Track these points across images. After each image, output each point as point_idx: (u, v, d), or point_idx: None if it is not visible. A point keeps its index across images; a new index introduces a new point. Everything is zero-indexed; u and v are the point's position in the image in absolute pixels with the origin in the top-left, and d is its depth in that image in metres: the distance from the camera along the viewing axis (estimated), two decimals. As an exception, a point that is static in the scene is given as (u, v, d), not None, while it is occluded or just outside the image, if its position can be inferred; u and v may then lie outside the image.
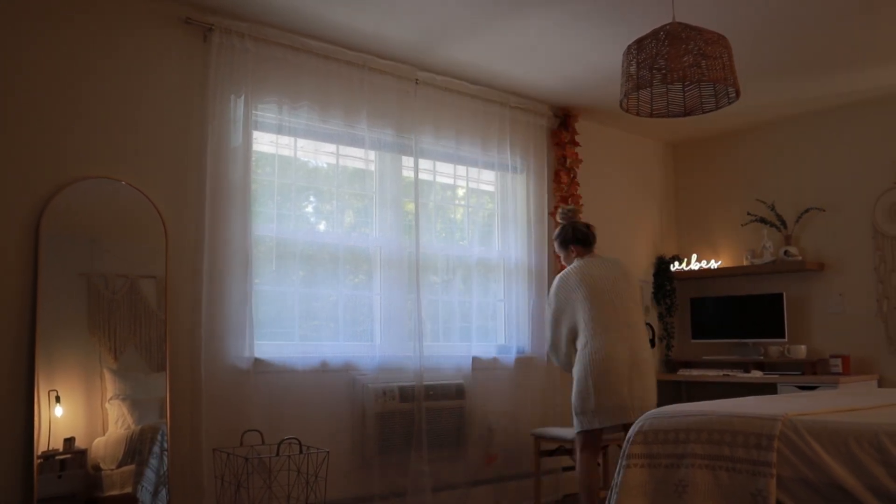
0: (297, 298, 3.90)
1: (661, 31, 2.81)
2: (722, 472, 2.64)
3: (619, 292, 3.70)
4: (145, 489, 3.28)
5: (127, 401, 3.32)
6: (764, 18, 3.84)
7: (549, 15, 3.77)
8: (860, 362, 5.01)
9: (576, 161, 5.17)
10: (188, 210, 3.60)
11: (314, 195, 4.13)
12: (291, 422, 3.71)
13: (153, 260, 3.48)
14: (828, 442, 2.44)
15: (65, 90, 3.31)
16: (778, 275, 5.39)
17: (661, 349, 5.83)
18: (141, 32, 3.53)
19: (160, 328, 3.45)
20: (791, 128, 5.49)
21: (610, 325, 3.62)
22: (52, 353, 3.15)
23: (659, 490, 2.79)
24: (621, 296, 3.70)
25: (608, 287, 3.69)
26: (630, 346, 3.63)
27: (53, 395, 3.13)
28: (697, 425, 2.77)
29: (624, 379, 3.57)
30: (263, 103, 3.83)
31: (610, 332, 3.61)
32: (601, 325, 3.61)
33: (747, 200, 5.59)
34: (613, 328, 3.62)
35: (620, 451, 2.97)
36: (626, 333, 3.64)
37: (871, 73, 4.62)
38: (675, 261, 5.85)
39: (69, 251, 3.27)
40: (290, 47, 3.90)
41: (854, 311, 5.09)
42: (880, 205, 5.01)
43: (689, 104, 3.16)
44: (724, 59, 2.78)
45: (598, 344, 3.59)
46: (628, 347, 3.62)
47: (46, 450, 3.08)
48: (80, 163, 3.33)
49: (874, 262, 5.02)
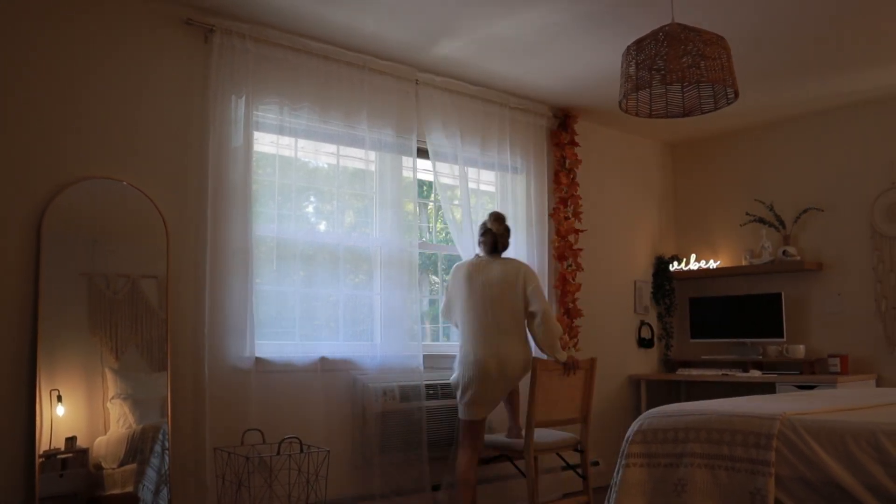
0: (297, 298, 3.90)
1: (661, 33, 2.81)
2: (721, 471, 2.64)
3: (501, 300, 3.86)
4: (147, 488, 3.27)
5: (128, 400, 3.32)
6: (763, 20, 3.84)
7: (549, 16, 3.77)
8: (858, 362, 5.01)
9: (575, 161, 5.17)
10: (189, 210, 3.60)
11: (315, 195, 4.13)
12: (292, 421, 3.71)
13: (154, 260, 3.48)
14: (826, 441, 2.45)
15: (66, 91, 3.31)
16: (776, 275, 5.39)
17: (660, 349, 5.83)
18: (142, 33, 3.53)
19: (161, 328, 3.45)
20: (789, 128, 5.49)
21: (479, 332, 3.84)
22: (54, 352, 3.15)
23: (658, 489, 2.79)
24: (502, 303, 3.85)
25: (489, 294, 3.87)
26: (497, 353, 3.79)
27: (55, 395, 3.13)
28: (696, 424, 2.77)
29: (490, 385, 3.79)
30: (264, 104, 3.83)
31: (478, 340, 3.82)
32: (472, 332, 3.85)
33: (746, 200, 5.59)
34: (482, 336, 3.82)
35: (619, 451, 2.97)
36: (495, 341, 3.81)
37: (870, 74, 4.62)
38: (674, 261, 5.85)
39: (71, 251, 3.27)
40: (290, 48, 3.90)
41: (852, 311, 5.09)
42: (878, 205, 5.01)
43: (687, 105, 3.16)
44: (723, 60, 2.78)
45: (467, 348, 3.84)
46: (495, 355, 3.78)
47: (48, 449, 3.08)
48: (81, 163, 3.33)
49: (872, 262, 5.02)
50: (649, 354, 5.76)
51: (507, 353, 3.81)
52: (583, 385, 4.07)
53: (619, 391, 5.48)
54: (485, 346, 3.80)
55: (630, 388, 5.56)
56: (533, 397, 3.80)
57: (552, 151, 5.15)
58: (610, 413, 5.33)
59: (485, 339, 3.82)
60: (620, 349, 5.55)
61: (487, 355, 3.78)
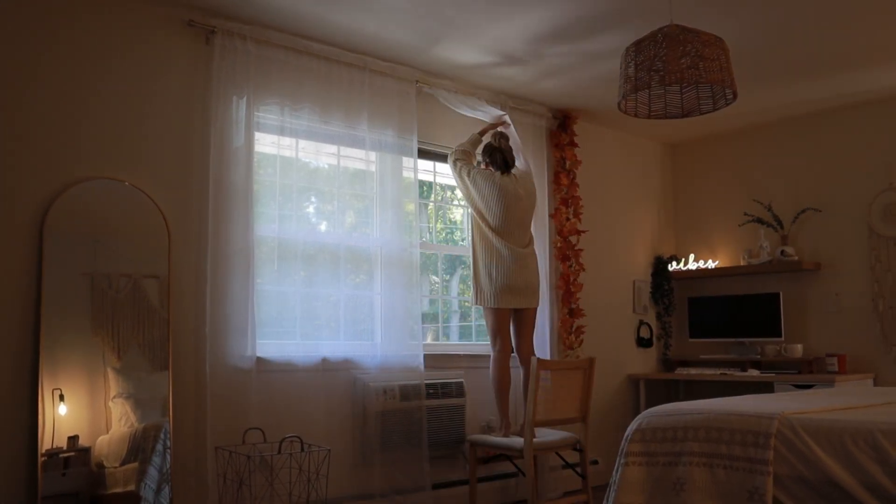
0: (298, 298, 3.90)
1: (659, 34, 2.81)
2: (719, 469, 2.64)
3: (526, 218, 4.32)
4: (148, 487, 3.27)
5: (130, 399, 3.32)
6: (761, 21, 3.84)
7: (549, 18, 3.77)
8: (856, 361, 5.01)
9: (575, 162, 5.17)
10: (191, 210, 3.60)
11: (315, 196, 4.13)
12: (293, 420, 3.71)
13: (156, 260, 3.48)
14: (824, 440, 2.45)
15: (70, 92, 3.31)
16: (775, 274, 5.39)
17: (659, 348, 5.83)
18: (144, 35, 3.53)
19: (163, 327, 3.45)
20: (788, 129, 5.49)
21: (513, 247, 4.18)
22: (56, 352, 3.15)
23: (656, 488, 2.79)
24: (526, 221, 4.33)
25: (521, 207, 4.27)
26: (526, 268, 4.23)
27: (57, 394, 3.13)
28: (695, 423, 2.77)
29: (520, 287, 4.19)
30: (265, 105, 3.83)
31: (513, 254, 4.16)
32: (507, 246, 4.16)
33: (744, 201, 5.59)
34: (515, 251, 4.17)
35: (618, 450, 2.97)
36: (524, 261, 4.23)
37: (867, 76, 4.62)
38: (672, 261, 5.85)
39: (73, 251, 3.27)
40: (291, 49, 3.90)
41: (850, 311, 5.09)
42: (875, 206, 5.01)
43: (686, 105, 3.16)
44: (722, 61, 2.79)
45: (503, 262, 4.17)
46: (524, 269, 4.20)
47: (50, 448, 3.08)
48: (84, 164, 3.33)
49: (870, 262, 5.02)
50: (648, 354, 5.76)
51: (533, 268, 4.23)
52: (581, 384, 4.07)
53: (618, 390, 5.48)
54: (517, 262, 4.12)
55: (629, 387, 5.56)
56: (533, 396, 3.80)
57: (552, 152, 5.16)
58: (609, 412, 5.33)
59: (517, 257, 4.14)
60: (619, 349, 5.55)
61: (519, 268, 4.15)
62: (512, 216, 4.14)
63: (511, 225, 4.15)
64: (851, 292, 5.09)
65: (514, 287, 4.12)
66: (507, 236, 4.14)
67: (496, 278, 4.11)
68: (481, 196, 4.14)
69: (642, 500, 2.80)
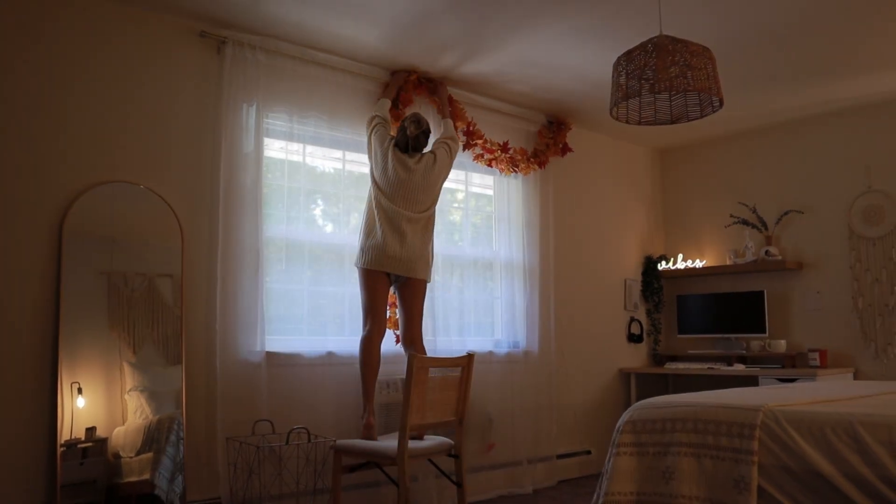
0: (305, 295, 3.90)
1: (649, 44, 2.81)
2: (706, 459, 2.64)
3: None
4: (162, 476, 3.27)
5: (145, 392, 3.32)
6: (746, 32, 3.83)
7: (546, 29, 3.76)
8: (836, 356, 5.01)
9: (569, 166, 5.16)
10: (203, 212, 3.60)
11: (321, 198, 4.13)
12: (300, 412, 3.71)
13: (170, 259, 3.48)
14: (806, 431, 2.44)
15: (89, 100, 3.31)
16: (759, 273, 5.39)
17: (649, 344, 5.83)
18: (159, 46, 3.54)
19: (176, 324, 3.45)
20: (772, 135, 5.49)
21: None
22: (75, 347, 3.15)
23: (646, 476, 2.79)
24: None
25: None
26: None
27: (76, 387, 3.13)
28: (683, 416, 2.77)
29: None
30: (274, 112, 3.83)
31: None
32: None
33: (730, 203, 5.59)
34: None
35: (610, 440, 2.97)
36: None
37: (848, 84, 4.62)
38: (662, 260, 5.85)
39: (91, 251, 3.27)
40: (299, 59, 3.90)
41: (831, 308, 5.09)
42: (855, 208, 5.01)
43: (675, 113, 3.16)
44: (709, 70, 2.78)
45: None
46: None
47: (69, 438, 3.08)
48: (101, 168, 3.33)
49: (850, 261, 5.02)
50: (639, 349, 5.75)
51: (420, 234, 3.82)
52: (459, 384, 3.57)
53: (610, 384, 5.48)
54: (401, 226, 3.74)
55: (621, 381, 5.56)
56: (408, 399, 3.24)
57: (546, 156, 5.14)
58: (601, 404, 5.34)
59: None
60: (611, 344, 5.54)
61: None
62: (401, 183, 3.75)
63: (403, 190, 3.74)
64: (832, 290, 5.09)
65: (391, 249, 3.67)
66: (396, 200, 3.74)
67: (373, 236, 3.71)
68: (375, 157, 3.86)
69: (633, 489, 2.80)
